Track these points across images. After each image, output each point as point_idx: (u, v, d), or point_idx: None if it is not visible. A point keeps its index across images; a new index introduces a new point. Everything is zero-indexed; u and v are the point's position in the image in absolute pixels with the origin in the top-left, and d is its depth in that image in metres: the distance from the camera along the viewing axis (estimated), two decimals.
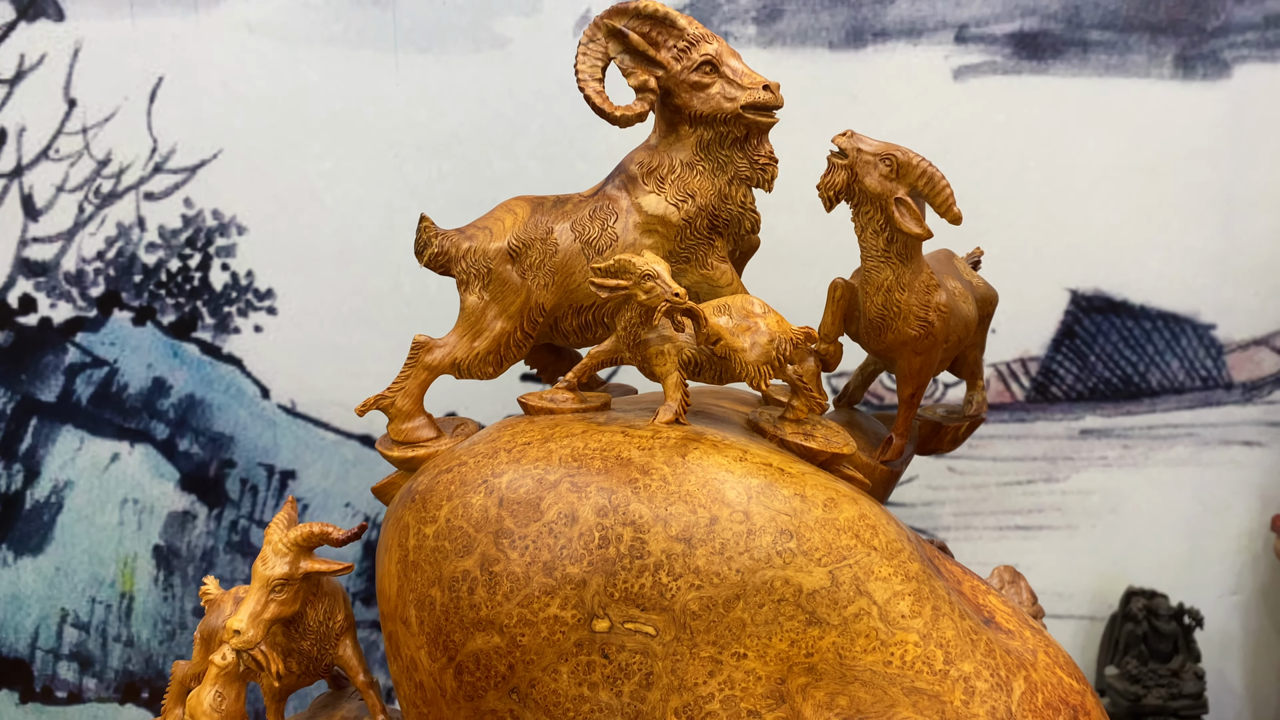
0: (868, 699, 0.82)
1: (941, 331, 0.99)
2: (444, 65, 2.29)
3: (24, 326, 2.35)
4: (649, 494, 0.83)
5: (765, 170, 1.03)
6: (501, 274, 1.03)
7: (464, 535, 0.85)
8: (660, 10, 1.03)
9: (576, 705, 0.81)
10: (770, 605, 0.82)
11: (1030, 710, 0.87)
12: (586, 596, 0.82)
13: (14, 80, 2.26)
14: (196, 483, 2.42)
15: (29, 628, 2.44)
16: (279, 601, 0.99)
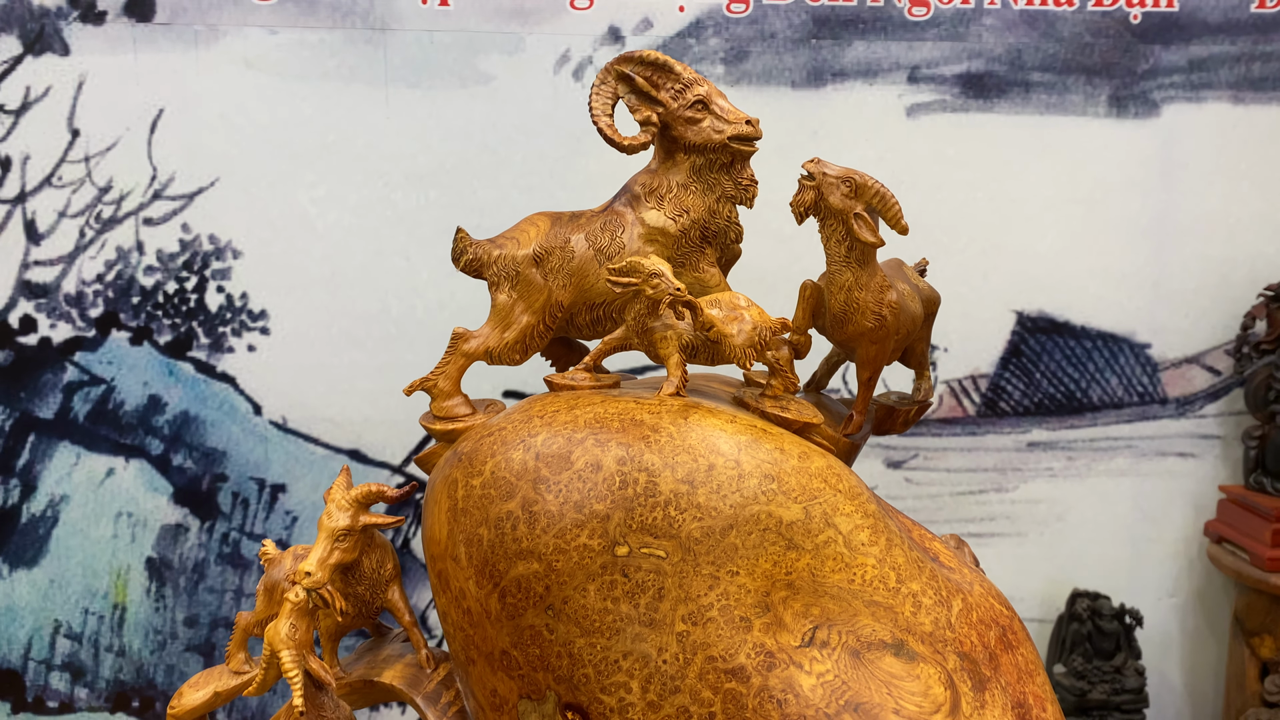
0: (835, 609, 1.00)
1: (893, 325, 1.18)
2: (432, 100, 2.36)
3: (24, 346, 2.39)
4: (659, 447, 1.01)
5: (747, 190, 1.23)
6: (527, 276, 1.21)
7: (507, 483, 1.02)
8: (661, 59, 1.22)
9: (601, 616, 0.98)
10: (757, 534, 0.99)
11: (966, 623, 1.06)
12: (610, 528, 0.99)
13: (19, 111, 2.31)
14: (189, 496, 2.46)
15: (22, 639, 2.47)
16: (342, 549, 1.15)
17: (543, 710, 1.04)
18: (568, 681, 1.02)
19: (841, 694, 0.99)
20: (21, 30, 2.28)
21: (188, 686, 1.26)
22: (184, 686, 1.26)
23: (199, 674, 1.27)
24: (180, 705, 1.25)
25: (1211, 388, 2.59)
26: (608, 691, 1.00)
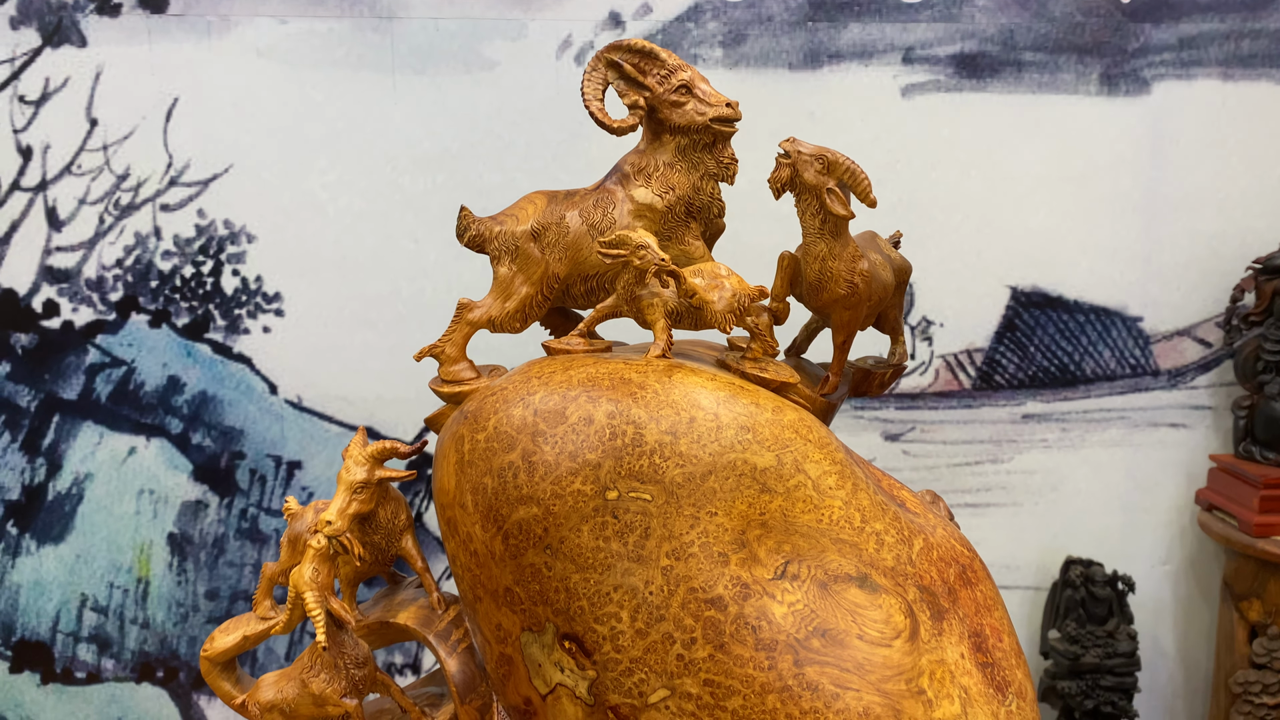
0: (805, 546, 1.11)
1: (865, 292, 1.29)
2: (437, 86, 2.42)
3: (48, 329, 2.47)
4: (645, 402, 1.12)
5: (728, 168, 1.34)
6: (526, 250, 1.32)
7: (508, 437, 1.14)
8: (647, 46, 1.33)
9: (594, 554, 1.09)
10: (733, 478, 1.11)
11: (927, 560, 1.17)
12: (601, 475, 1.10)
13: (39, 102, 2.38)
14: (208, 474, 2.55)
15: (50, 612, 2.56)
16: (359, 501, 1.26)
17: (543, 641, 1.16)
18: (565, 614, 1.14)
19: (810, 621, 1.10)
20: (40, 23, 2.36)
21: (219, 631, 1.38)
22: (215, 631, 1.38)
23: (229, 620, 1.39)
24: (212, 648, 1.37)
25: (1203, 359, 2.66)
26: (600, 621, 1.12)
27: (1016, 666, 1.22)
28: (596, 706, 1.14)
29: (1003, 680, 1.19)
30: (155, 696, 2.62)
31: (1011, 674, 1.20)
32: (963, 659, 1.16)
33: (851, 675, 1.10)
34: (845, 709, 1.08)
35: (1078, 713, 2.59)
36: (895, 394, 2.66)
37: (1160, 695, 2.79)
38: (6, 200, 2.43)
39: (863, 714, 1.08)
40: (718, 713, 1.09)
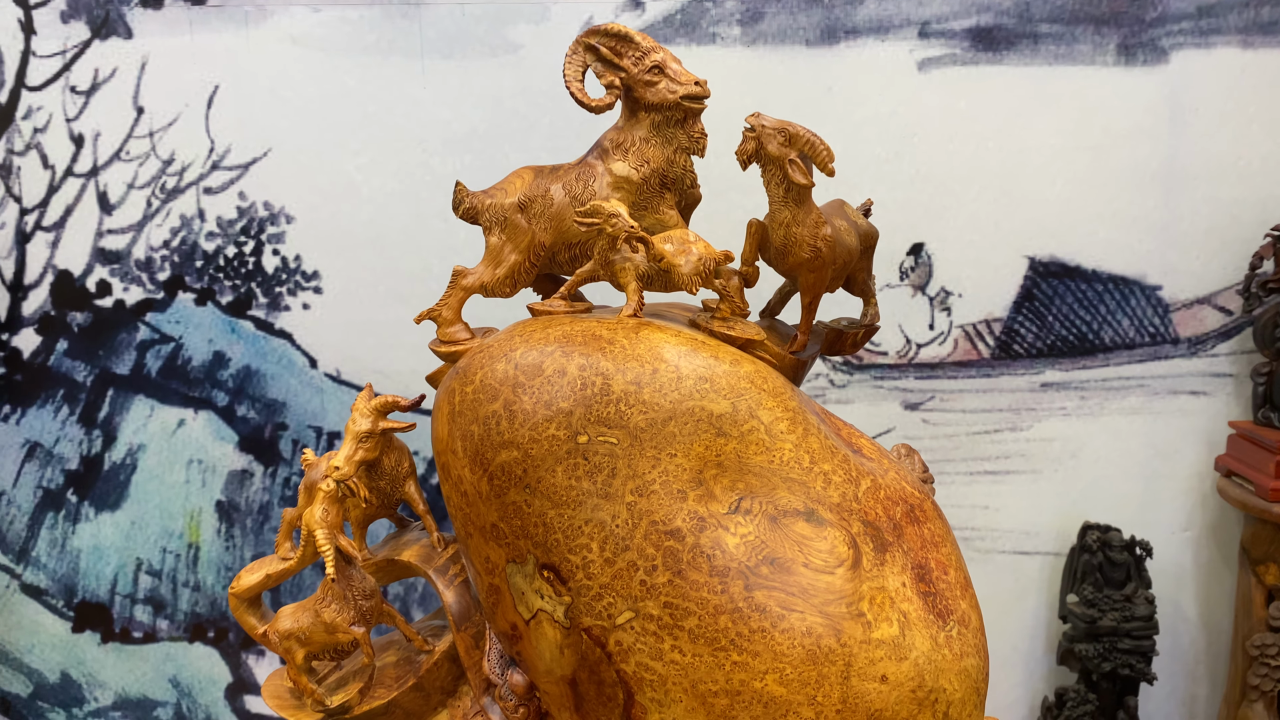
0: (757, 484, 1.24)
1: (829, 256, 1.40)
2: (464, 70, 2.51)
3: (101, 308, 2.60)
4: (613, 355, 1.25)
5: (698, 142, 1.46)
6: (514, 221, 1.46)
7: (492, 389, 1.28)
8: (622, 30, 1.45)
9: (567, 492, 1.23)
10: (692, 423, 1.23)
11: (873, 499, 1.29)
12: (573, 421, 1.24)
13: (90, 92, 2.51)
14: (253, 444, 2.68)
15: (109, 575, 2.72)
16: (365, 449, 1.42)
17: (525, 571, 1.30)
18: (543, 546, 1.28)
19: (760, 550, 1.23)
20: (89, 17, 2.49)
21: (245, 571, 1.54)
22: (242, 571, 1.54)
23: (253, 562, 1.55)
24: (239, 585, 1.54)
25: (1223, 327, 2.70)
26: (574, 551, 1.27)
27: (961, 598, 1.33)
28: (572, 629, 1.29)
29: (945, 609, 1.31)
30: (207, 655, 2.78)
31: (955, 603, 1.32)
32: (904, 587, 1.28)
33: (797, 599, 1.23)
34: (790, 628, 1.21)
35: (1095, 675, 2.66)
36: (915, 363, 2.74)
37: (1182, 660, 2.86)
38: (61, 186, 2.57)
39: (806, 633, 1.22)
40: (676, 632, 1.23)
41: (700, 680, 1.22)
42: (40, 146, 2.55)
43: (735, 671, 1.21)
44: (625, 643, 1.26)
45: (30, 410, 2.66)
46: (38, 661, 2.80)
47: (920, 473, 1.51)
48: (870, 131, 2.61)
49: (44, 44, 2.51)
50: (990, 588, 2.82)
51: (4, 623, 2.76)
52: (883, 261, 2.67)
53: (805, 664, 1.21)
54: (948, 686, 1.27)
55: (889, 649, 1.24)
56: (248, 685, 2.82)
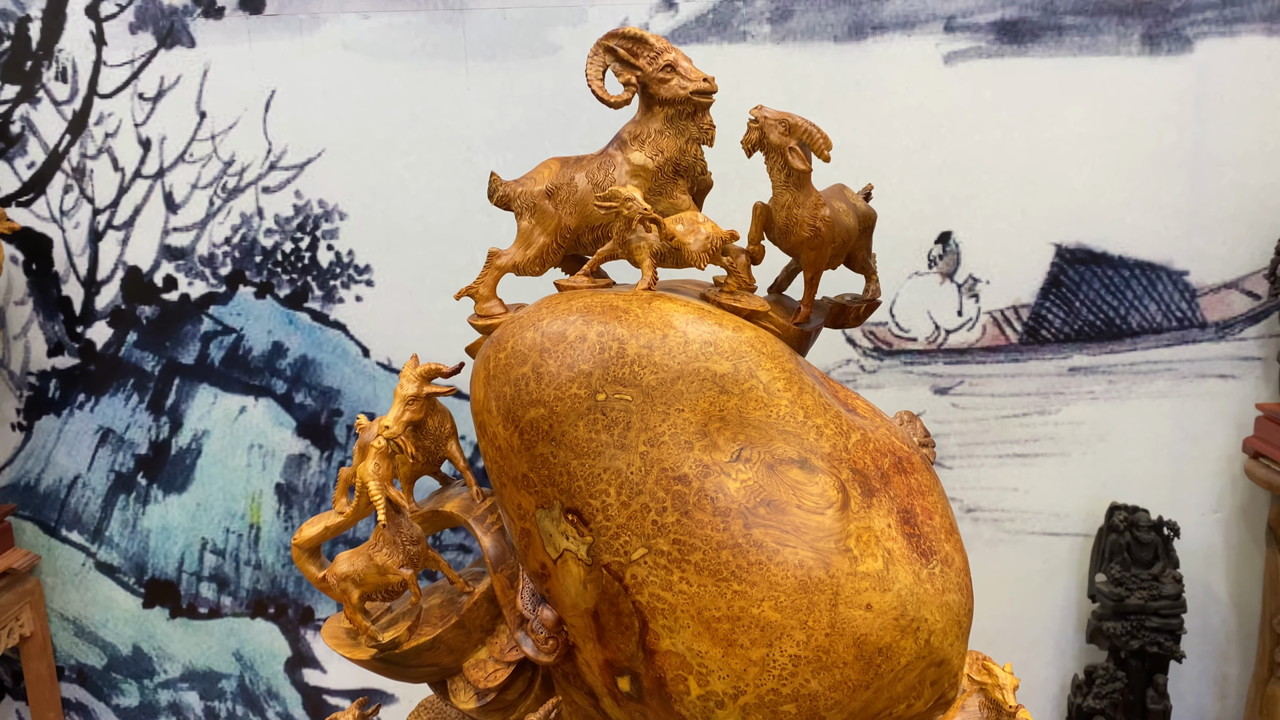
0: (756, 435, 1.40)
1: (827, 235, 1.56)
2: (506, 71, 2.63)
3: (168, 302, 2.77)
4: (627, 323, 1.42)
5: (708, 133, 1.63)
6: (543, 206, 1.65)
7: (521, 354, 1.46)
8: (639, 33, 1.63)
9: (588, 444, 1.40)
10: (697, 382, 1.40)
11: (863, 450, 1.45)
12: (592, 381, 1.41)
13: (156, 98, 2.67)
14: (310, 430, 2.84)
15: (176, 554, 2.91)
16: (411, 410, 1.61)
17: (551, 515, 1.49)
18: (567, 492, 1.46)
19: (758, 494, 1.40)
20: (155, 28, 2.63)
21: (306, 525, 1.74)
22: (303, 525, 1.74)
23: (313, 517, 1.75)
24: (300, 537, 1.74)
25: (1251, 311, 2.74)
26: (594, 496, 1.45)
27: (945, 541, 1.49)
28: (593, 565, 1.47)
29: (928, 549, 1.46)
30: (268, 630, 2.96)
31: (939, 545, 1.47)
32: (889, 528, 1.44)
33: (790, 536, 1.40)
34: (784, 561, 1.38)
35: (1124, 653, 2.77)
36: (943, 349, 2.86)
37: (1213, 639, 2.95)
38: (130, 187, 2.74)
39: (798, 565, 1.38)
40: (683, 565, 1.40)
41: (705, 608, 1.40)
42: (111, 150, 2.74)
43: (736, 599, 1.38)
44: (640, 576, 1.44)
45: (103, 399, 2.86)
46: (111, 635, 3.03)
47: (921, 437, 1.67)
48: (898, 123, 2.72)
49: (114, 54, 2.68)
50: (1020, 569, 2.94)
51: (80, 598, 3.00)
52: (911, 249, 2.81)
53: (797, 592, 1.38)
54: (929, 617, 1.43)
55: (874, 581, 1.41)
56: (306, 659, 3.03)
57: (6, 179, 2.75)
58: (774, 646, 1.38)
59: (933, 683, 1.46)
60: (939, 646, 1.45)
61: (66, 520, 2.93)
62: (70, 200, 2.76)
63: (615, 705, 1.57)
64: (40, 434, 2.88)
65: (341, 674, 3.03)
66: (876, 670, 1.41)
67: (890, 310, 2.83)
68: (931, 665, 1.45)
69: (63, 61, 2.68)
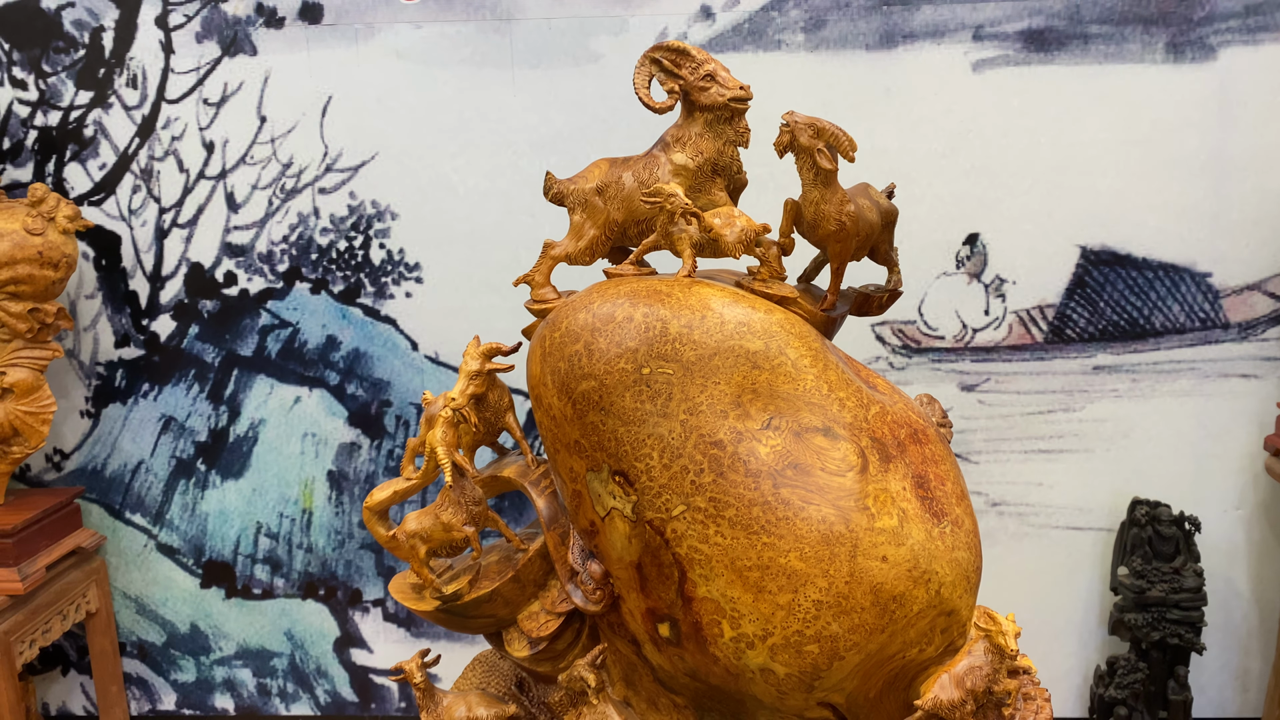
0: (785, 406, 1.59)
1: (852, 229, 1.75)
2: (550, 78, 2.78)
3: (228, 296, 2.96)
4: (670, 305, 1.62)
5: (743, 136, 1.83)
6: (593, 202, 1.85)
7: (574, 333, 1.66)
8: (681, 46, 1.83)
9: (634, 412, 1.59)
10: (732, 358, 1.59)
11: (881, 421, 1.63)
12: (638, 357, 1.61)
13: (220, 103, 2.86)
14: (361, 419, 3.01)
15: (232, 537, 3.10)
16: (474, 384, 1.82)
17: (600, 477, 1.69)
18: (614, 456, 1.66)
19: (786, 458, 1.60)
20: (220, 37, 2.82)
21: (376, 490, 1.95)
22: (373, 490, 1.95)
23: (383, 483, 1.96)
24: (371, 500, 1.95)
25: (1273, 313, 2.85)
26: (639, 459, 1.64)
27: (956, 505, 1.67)
28: (638, 522, 1.67)
29: (940, 510, 1.65)
30: (318, 611, 3.16)
31: (950, 509, 1.66)
32: (904, 490, 1.63)
33: (814, 495, 1.59)
34: (809, 517, 1.58)
35: (1145, 644, 2.90)
36: (970, 347, 3.02)
37: (1235, 633, 3.07)
38: (194, 187, 2.93)
39: (821, 521, 1.58)
40: (718, 520, 1.60)
41: (738, 558, 1.60)
42: (177, 153, 2.93)
43: (765, 550, 1.58)
44: (679, 531, 1.64)
45: (166, 388, 3.07)
46: (170, 613, 3.25)
47: (939, 418, 1.85)
48: (927, 129, 2.88)
49: (181, 62, 2.88)
50: (1044, 562, 3.09)
51: (142, 578, 3.22)
52: (939, 250, 2.97)
53: (820, 544, 1.57)
54: (940, 570, 1.62)
55: (889, 536, 1.60)
56: (354, 639, 3.24)
57: (79, 179, 2.96)
58: (799, 593, 1.57)
59: (943, 630, 1.65)
60: (948, 597, 1.63)
61: (130, 503, 3.13)
62: (138, 200, 2.96)
63: (656, 650, 1.77)
64: (107, 421, 3.08)
65: (388, 654, 3.23)
66: (891, 616, 1.59)
67: (919, 309, 2.98)
68: (941, 614, 1.64)
69: (133, 69, 2.88)
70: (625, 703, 1.89)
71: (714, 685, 1.75)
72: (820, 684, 1.64)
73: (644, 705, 1.88)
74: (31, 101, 2.91)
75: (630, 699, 1.91)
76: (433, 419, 1.86)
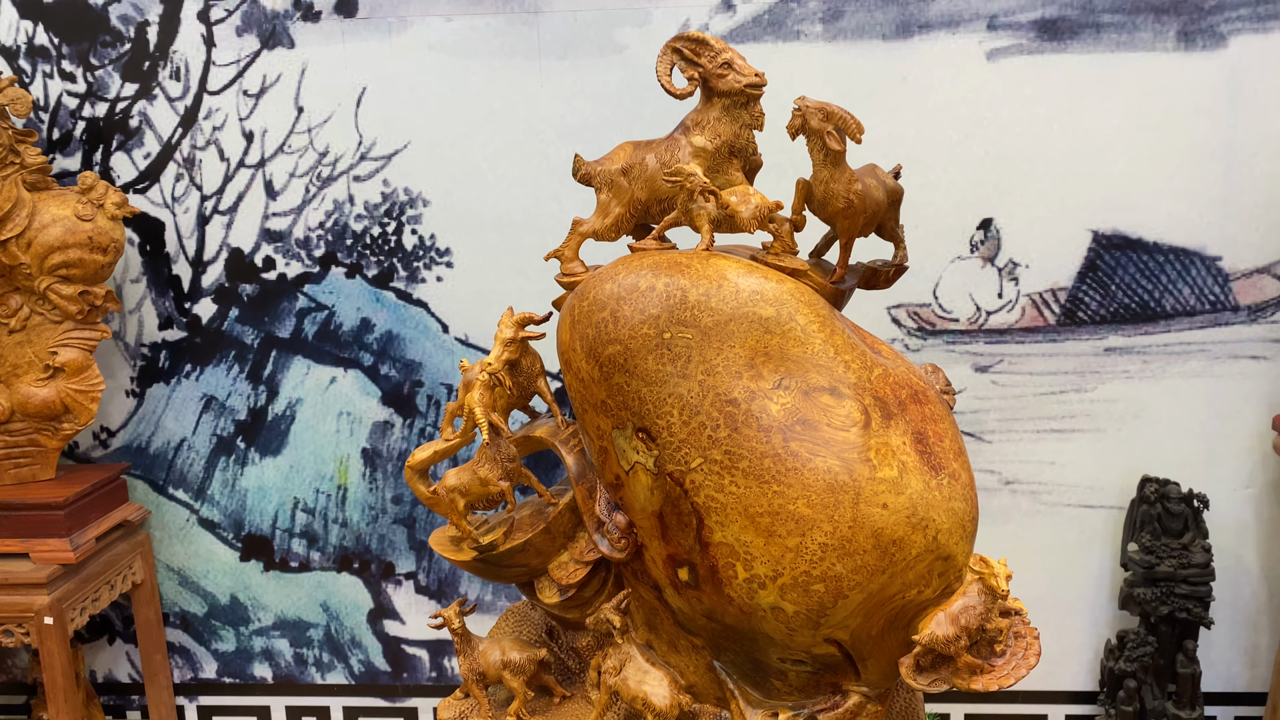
0: (794, 368, 1.76)
1: (860, 206, 1.92)
2: (577, 69, 2.89)
3: (266, 280, 3.09)
4: (689, 275, 1.79)
5: (758, 120, 2.00)
6: (619, 182, 2.03)
7: (602, 302, 1.83)
8: (701, 36, 2.00)
9: (656, 374, 1.76)
10: (746, 323, 1.76)
11: (884, 383, 1.80)
12: (660, 322, 1.78)
13: (259, 94, 2.99)
14: (394, 399, 3.13)
15: (270, 512, 3.24)
16: (509, 351, 2.00)
17: (625, 434, 1.87)
18: (638, 414, 1.84)
19: (795, 415, 1.77)
20: (259, 30, 2.95)
21: (418, 450, 2.14)
22: (415, 451, 2.14)
23: (424, 444, 2.15)
24: (414, 460, 2.13)
25: None
26: (660, 417, 1.83)
27: (953, 460, 1.84)
28: (659, 474, 1.86)
29: (938, 464, 1.82)
30: (352, 584, 3.30)
31: (947, 463, 1.83)
32: (904, 445, 1.80)
33: (820, 448, 1.77)
34: (815, 468, 1.75)
35: (1154, 618, 3.01)
36: (984, 329, 3.14)
37: (1243, 610, 3.14)
38: (234, 176, 3.07)
39: (826, 471, 1.75)
40: (733, 471, 1.78)
41: (750, 505, 1.78)
42: (218, 142, 3.06)
43: (775, 498, 1.76)
44: (697, 481, 1.82)
45: (207, 369, 3.21)
46: (211, 585, 3.43)
47: (943, 386, 2.02)
48: (943, 117, 2.99)
49: (222, 54, 3.01)
50: (1055, 539, 3.22)
51: (185, 551, 3.41)
52: (954, 235, 3.12)
53: (825, 492, 1.75)
54: (937, 518, 1.79)
55: (889, 485, 1.77)
56: (387, 611, 3.42)
57: (125, 168, 3.11)
58: (806, 536, 1.74)
59: (939, 574, 1.82)
60: (945, 544, 1.80)
61: (173, 479, 3.28)
62: (181, 188, 3.10)
63: (676, 594, 1.95)
64: (151, 401, 3.23)
65: (419, 626, 3.41)
66: (891, 558, 1.77)
67: (934, 292, 3.09)
68: (938, 559, 1.81)
69: (176, 62, 3.02)
70: (648, 645, 2.08)
71: (729, 625, 1.94)
72: (826, 621, 1.82)
73: (665, 647, 2.07)
74: (79, 94, 3.05)
75: (652, 642, 2.09)
76: (470, 383, 2.05)
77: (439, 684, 3.30)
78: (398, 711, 3.42)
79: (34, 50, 3.02)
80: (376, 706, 3.42)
